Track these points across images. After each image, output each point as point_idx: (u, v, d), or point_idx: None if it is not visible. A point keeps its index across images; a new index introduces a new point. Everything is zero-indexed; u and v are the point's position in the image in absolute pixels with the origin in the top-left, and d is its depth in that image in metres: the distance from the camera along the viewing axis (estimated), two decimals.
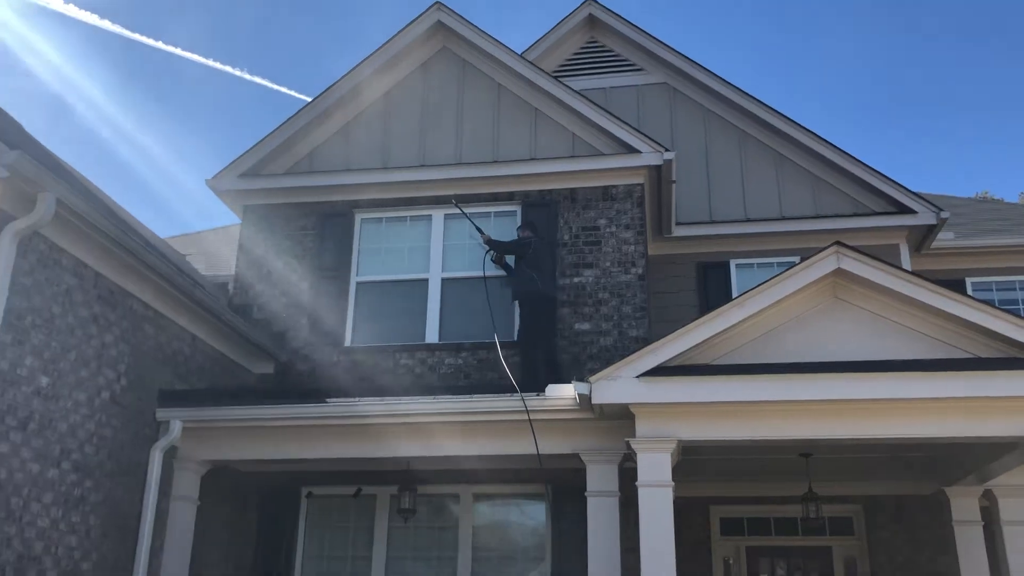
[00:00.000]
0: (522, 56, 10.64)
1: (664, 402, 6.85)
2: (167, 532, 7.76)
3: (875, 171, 10.98)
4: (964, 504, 8.44)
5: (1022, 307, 11.24)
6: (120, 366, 7.36)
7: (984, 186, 43.73)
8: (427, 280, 9.82)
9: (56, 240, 6.55)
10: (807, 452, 8.19)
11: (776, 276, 7.00)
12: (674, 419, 6.87)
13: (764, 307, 6.92)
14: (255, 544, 9.05)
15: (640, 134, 9.83)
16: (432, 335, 9.58)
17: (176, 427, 7.70)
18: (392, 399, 7.72)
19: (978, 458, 7.75)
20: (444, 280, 9.80)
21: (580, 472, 7.50)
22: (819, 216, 11.03)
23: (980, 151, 46.19)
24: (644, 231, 9.72)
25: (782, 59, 47.26)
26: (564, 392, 7.29)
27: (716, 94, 11.72)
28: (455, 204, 9.40)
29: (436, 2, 10.60)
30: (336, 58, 43.66)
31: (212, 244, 13.84)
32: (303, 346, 9.70)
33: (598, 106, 10.10)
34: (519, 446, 7.46)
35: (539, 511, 8.95)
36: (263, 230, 10.29)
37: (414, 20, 10.60)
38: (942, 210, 10.75)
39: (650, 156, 9.69)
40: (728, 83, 11.65)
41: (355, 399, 7.81)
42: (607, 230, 9.67)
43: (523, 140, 10.17)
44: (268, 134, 10.41)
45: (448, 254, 9.92)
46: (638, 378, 6.82)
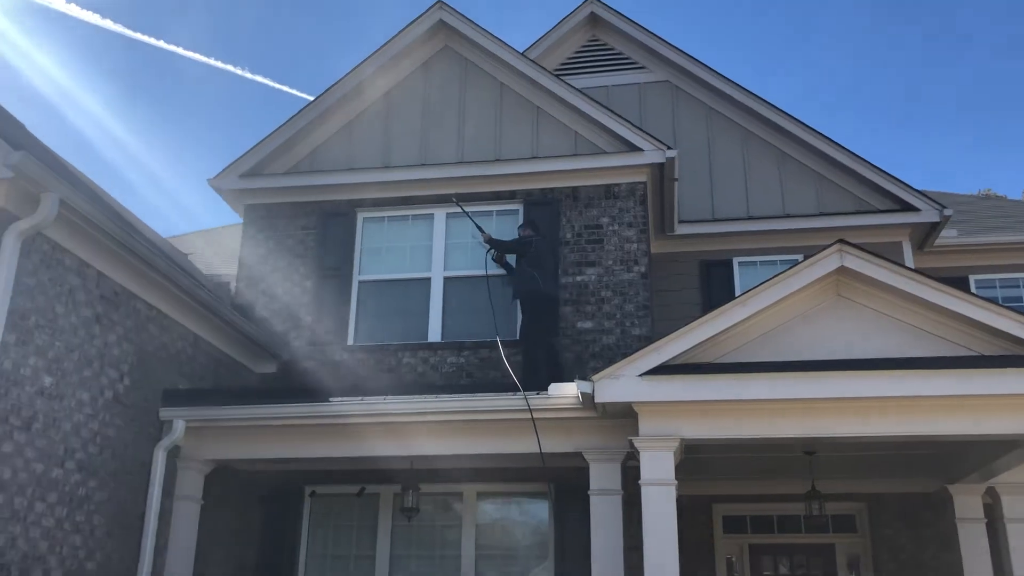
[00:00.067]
0: (524, 55, 10.63)
1: (667, 401, 6.85)
2: (171, 531, 7.78)
3: (878, 169, 10.96)
4: (967, 502, 8.45)
5: None
6: (123, 366, 7.37)
7: (987, 183, 43.68)
8: (429, 279, 9.82)
9: (59, 240, 6.56)
10: (810, 450, 8.18)
11: (779, 274, 6.99)
12: (677, 418, 6.87)
13: (767, 305, 6.91)
14: (259, 543, 9.07)
15: (642, 132, 9.82)
16: (434, 334, 9.59)
17: (179, 426, 7.72)
18: (394, 398, 7.73)
19: (981, 456, 7.74)
20: (446, 279, 9.80)
21: (583, 471, 7.50)
22: (822, 214, 11.02)
23: (983, 148, 46.15)
24: (647, 229, 9.71)
25: (784, 57, 47.22)
26: (567, 391, 7.29)
27: (718, 92, 11.71)
28: (456, 203, 9.40)
29: (438, 1, 10.59)
30: (338, 57, 43.69)
31: (214, 243, 13.86)
32: (305, 345, 9.71)
33: (600, 104, 10.09)
34: (522, 445, 7.46)
35: (542, 510, 8.95)
36: (265, 229, 10.29)
37: (416, 19, 10.60)
38: (945, 207, 10.73)
39: (652, 154, 9.68)
40: (730, 81, 11.64)
41: (358, 398, 7.81)
42: (610, 228, 9.67)
43: (525, 139, 10.16)
44: (270, 133, 10.41)
45: (450, 253, 9.92)
46: (641, 377, 6.82)
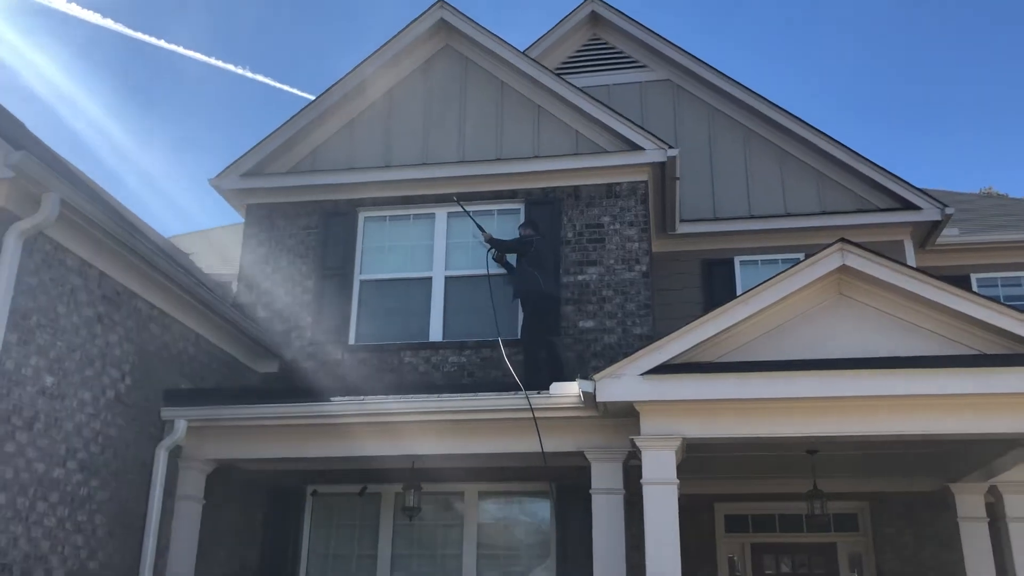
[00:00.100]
0: (524, 54, 10.62)
1: (669, 400, 6.84)
2: (172, 531, 7.78)
3: (879, 167, 10.95)
4: (969, 500, 8.44)
5: None
6: (125, 365, 7.37)
7: (988, 181, 43.68)
8: (431, 278, 9.82)
9: (61, 240, 6.56)
10: (812, 449, 8.18)
11: (780, 273, 6.98)
12: (679, 417, 6.86)
13: (768, 304, 6.90)
14: (260, 542, 9.07)
15: (644, 131, 9.81)
16: (436, 333, 9.58)
17: (181, 426, 7.72)
18: (396, 398, 7.72)
19: (983, 454, 7.73)
20: (448, 278, 9.80)
21: (584, 470, 7.50)
22: (823, 213, 11.01)
23: (984, 146, 46.11)
24: (648, 228, 9.70)
25: (785, 56, 47.19)
26: (568, 390, 7.28)
27: (720, 91, 11.70)
28: (457, 202, 9.40)
29: (438, 0, 10.58)
30: (338, 56, 43.69)
31: (216, 242, 13.86)
32: (307, 345, 9.71)
33: (601, 103, 10.09)
34: (523, 444, 7.46)
35: (544, 509, 8.95)
36: (266, 229, 10.29)
37: (417, 18, 10.59)
38: (947, 206, 10.72)
39: (654, 153, 9.67)
40: (732, 80, 11.63)
41: (359, 397, 7.81)
42: (611, 227, 9.66)
43: (526, 138, 10.15)
44: (271, 133, 10.41)
45: (451, 252, 9.92)
46: (642, 376, 6.81)
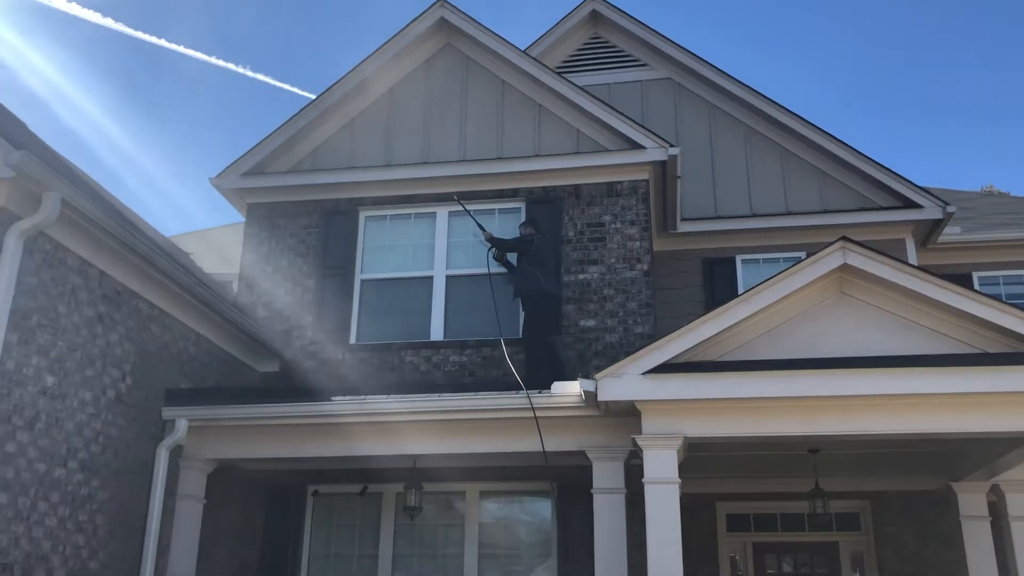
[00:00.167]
0: (525, 52, 10.60)
1: (670, 399, 6.83)
2: (173, 531, 7.78)
3: (881, 166, 10.94)
4: (971, 499, 8.43)
5: None
6: (126, 365, 7.37)
7: (989, 179, 43.65)
8: (431, 277, 9.81)
9: (61, 240, 6.55)
10: (814, 448, 8.17)
11: (782, 272, 6.97)
12: (680, 416, 6.86)
13: (770, 303, 6.89)
14: (261, 542, 9.06)
15: (645, 130, 9.80)
16: (437, 332, 9.57)
17: (182, 426, 7.72)
18: (397, 397, 7.71)
19: (986, 453, 7.72)
20: (449, 277, 9.79)
21: (586, 469, 7.49)
22: (825, 211, 11.00)
23: (985, 144, 46.08)
24: (649, 227, 9.69)
25: (786, 54, 47.15)
26: (570, 389, 7.27)
27: (721, 89, 11.69)
28: (458, 201, 9.39)
29: None
30: (339, 55, 43.69)
31: (216, 241, 13.87)
32: (308, 344, 9.70)
33: (602, 102, 10.07)
34: (525, 443, 7.45)
35: (545, 508, 8.94)
36: (267, 228, 10.28)
37: (417, 17, 10.57)
38: (948, 204, 10.71)
39: (655, 152, 9.66)
40: (733, 78, 11.62)
41: (360, 397, 7.80)
42: (612, 226, 9.65)
43: (527, 137, 10.14)
44: (271, 132, 10.40)
45: (452, 251, 9.91)
46: (644, 375, 6.80)
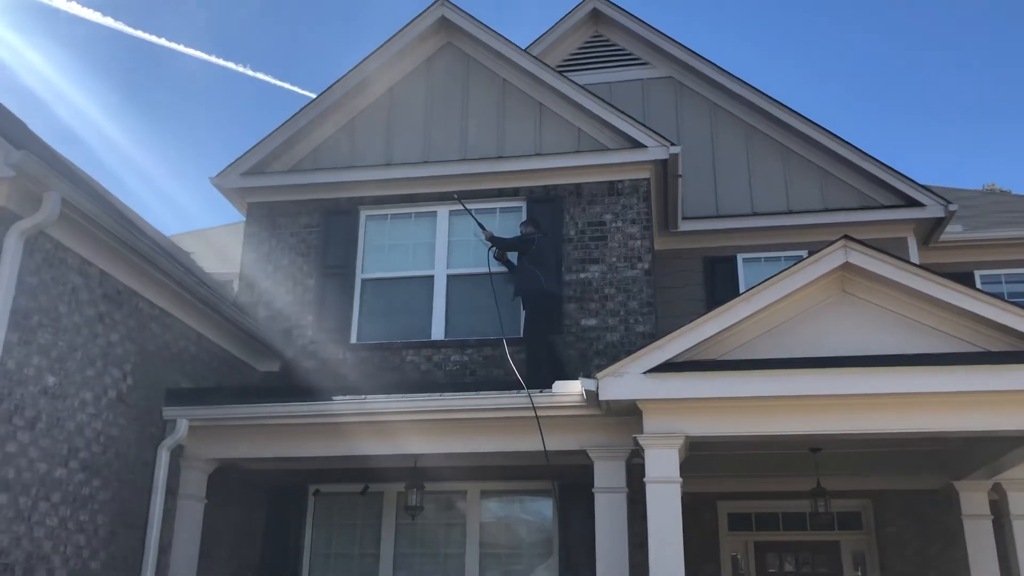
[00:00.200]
0: (526, 51, 10.59)
1: (671, 398, 6.82)
2: (174, 530, 7.77)
3: (882, 164, 10.93)
4: (973, 498, 8.42)
5: None
6: (126, 365, 7.36)
7: (991, 178, 43.62)
8: (432, 277, 9.80)
9: (62, 239, 6.54)
10: (815, 447, 8.17)
11: (784, 271, 6.96)
12: (681, 415, 6.85)
13: (772, 302, 6.88)
14: (262, 542, 9.06)
15: (646, 128, 9.78)
16: (438, 332, 9.57)
17: (183, 426, 7.71)
18: (398, 396, 7.70)
19: (987, 452, 7.71)
20: (450, 276, 9.78)
21: (587, 468, 7.48)
22: (826, 210, 10.99)
23: (987, 142, 46.05)
24: (650, 226, 9.68)
25: (787, 52, 47.12)
26: (571, 388, 7.27)
27: (722, 88, 11.67)
28: (458, 200, 9.38)
29: None
30: (339, 54, 43.68)
31: (217, 241, 13.86)
32: (308, 343, 9.70)
33: (603, 101, 10.06)
34: (526, 443, 7.45)
35: (546, 507, 8.93)
36: (267, 228, 10.27)
37: (418, 16, 10.57)
38: (950, 203, 10.70)
39: (656, 151, 9.65)
40: (734, 77, 11.60)
41: (361, 396, 7.79)
42: (613, 225, 9.63)
43: (528, 135, 10.13)
44: (272, 131, 10.39)
45: (453, 250, 9.90)
46: (645, 374, 6.80)
